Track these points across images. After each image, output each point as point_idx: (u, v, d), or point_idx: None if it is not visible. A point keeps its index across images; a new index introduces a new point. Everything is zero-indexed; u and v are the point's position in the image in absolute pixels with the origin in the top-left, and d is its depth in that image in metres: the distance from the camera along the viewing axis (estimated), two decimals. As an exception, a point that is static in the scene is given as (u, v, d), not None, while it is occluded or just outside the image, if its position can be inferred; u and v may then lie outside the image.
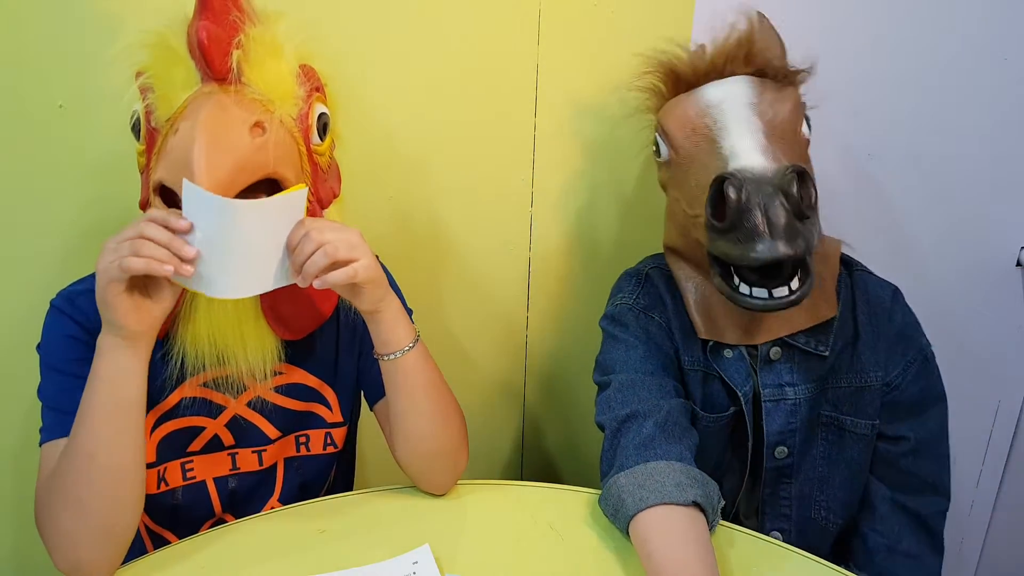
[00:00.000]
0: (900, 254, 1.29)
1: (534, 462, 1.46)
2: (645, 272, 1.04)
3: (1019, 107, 1.23)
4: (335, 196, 0.88)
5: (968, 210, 1.29)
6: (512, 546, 0.86)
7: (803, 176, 0.79)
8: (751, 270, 0.83)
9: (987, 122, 1.24)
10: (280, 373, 0.89)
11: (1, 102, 0.99)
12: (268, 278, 0.76)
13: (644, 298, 1.01)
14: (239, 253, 0.73)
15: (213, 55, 0.72)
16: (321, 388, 0.93)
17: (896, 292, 0.99)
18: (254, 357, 0.83)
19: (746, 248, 0.79)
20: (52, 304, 0.85)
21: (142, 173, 0.81)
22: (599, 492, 0.95)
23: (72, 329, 0.83)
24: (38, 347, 0.85)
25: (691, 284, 0.98)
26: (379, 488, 0.95)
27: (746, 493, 1.02)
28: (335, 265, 0.76)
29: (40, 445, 0.82)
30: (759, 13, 0.97)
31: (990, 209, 1.29)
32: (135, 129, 0.79)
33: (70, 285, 0.87)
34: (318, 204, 0.84)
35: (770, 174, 0.79)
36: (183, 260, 0.70)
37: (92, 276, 0.86)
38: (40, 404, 0.84)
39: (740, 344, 0.96)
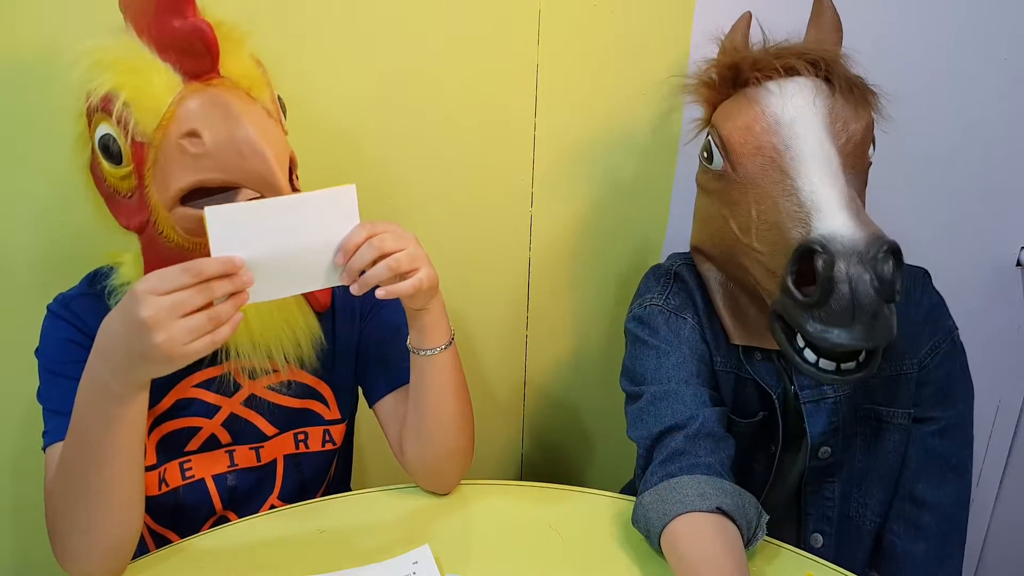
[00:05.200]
0: (900, 254, 1.29)
1: (534, 462, 1.46)
2: (674, 270, 0.99)
3: (1019, 107, 1.23)
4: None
5: (968, 210, 1.29)
6: (512, 546, 0.86)
7: (898, 255, 0.74)
8: None
9: (987, 122, 1.24)
10: (275, 371, 0.89)
11: (1, 102, 0.99)
12: (316, 277, 0.75)
13: (674, 298, 0.97)
14: (284, 254, 0.72)
15: (218, 49, 0.71)
16: (317, 385, 0.93)
17: (925, 276, 0.96)
18: (303, 340, 0.85)
19: (826, 331, 0.74)
20: (49, 309, 0.86)
21: (127, 196, 0.78)
22: (599, 492, 0.95)
23: (70, 333, 0.83)
24: (36, 352, 0.85)
25: (719, 286, 0.94)
26: (379, 488, 0.95)
27: (773, 494, 1.00)
28: (397, 276, 0.76)
29: (44, 449, 0.82)
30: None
31: (990, 209, 1.29)
32: (110, 155, 0.76)
33: (66, 291, 0.88)
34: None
35: (862, 245, 0.73)
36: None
37: (86, 280, 0.88)
38: (39, 408, 0.84)
39: (770, 349, 0.93)
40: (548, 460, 1.46)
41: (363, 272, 0.75)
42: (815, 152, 0.80)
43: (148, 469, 0.87)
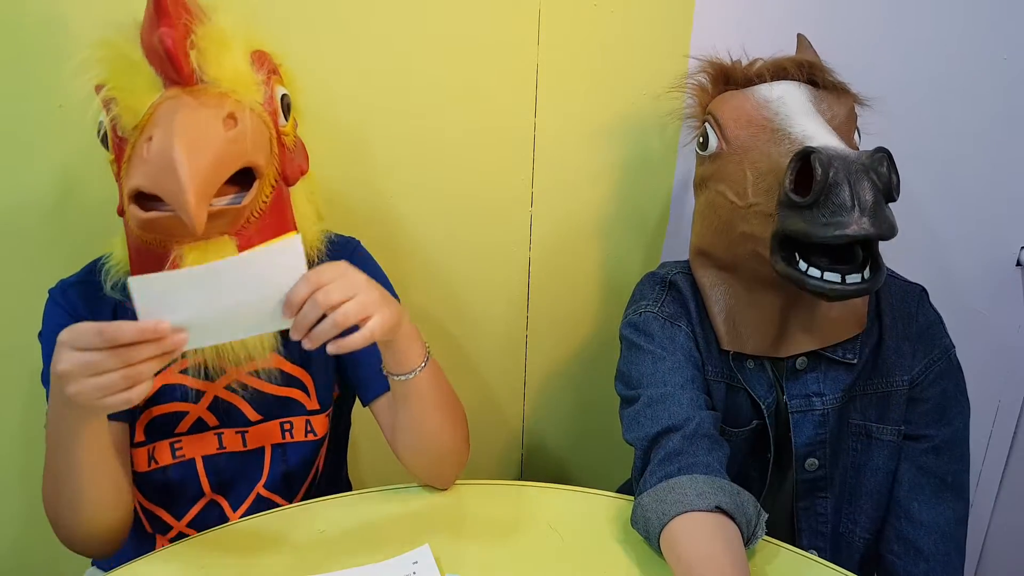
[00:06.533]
0: (900, 254, 1.29)
1: (534, 462, 1.46)
2: (669, 279, 1.00)
3: (1019, 107, 1.23)
4: (303, 173, 0.88)
5: (968, 210, 1.29)
6: (512, 546, 0.86)
7: (891, 158, 0.76)
8: (823, 253, 0.80)
9: (987, 122, 1.24)
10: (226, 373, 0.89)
11: (1, 102, 0.99)
12: (260, 325, 0.72)
13: (669, 306, 0.98)
14: (223, 311, 0.69)
15: (180, 60, 0.72)
16: (298, 374, 0.94)
17: (922, 292, 0.97)
18: (253, 346, 0.83)
19: (830, 225, 0.74)
20: (50, 293, 0.88)
21: (117, 181, 0.81)
22: (599, 492, 0.95)
23: (65, 320, 0.84)
24: (39, 335, 0.87)
25: (717, 292, 0.95)
26: (379, 488, 0.95)
27: (768, 507, 1.00)
28: (347, 329, 0.74)
29: (45, 427, 0.83)
30: (800, 35, 1.00)
31: (990, 209, 1.29)
32: (103, 141, 0.79)
33: (67, 276, 0.90)
34: (284, 182, 0.84)
35: (854, 155, 0.75)
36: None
37: (87, 268, 0.90)
38: (41, 390, 0.85)
39: (764, 356, 0.94)
40: (548, 460, 1.46)
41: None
42: (803, 110, 0.85)
43: (136, 446, 0.89)
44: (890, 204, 0.78)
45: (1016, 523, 1.49)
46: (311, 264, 0.88)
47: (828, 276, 0.79)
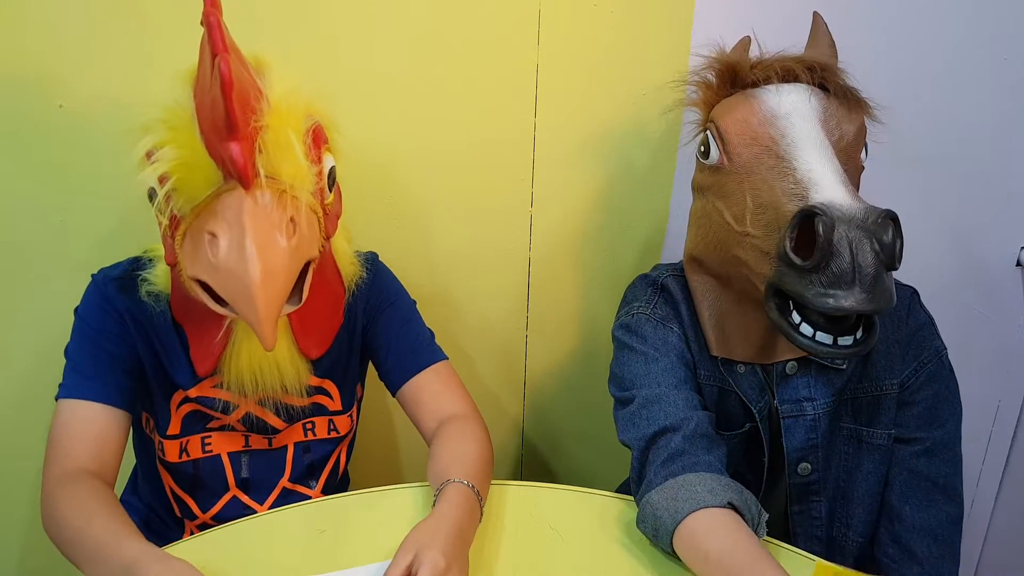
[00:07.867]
0: (900, 254, 1.29)
1: (534, 462, 1.46)
2: (661, 281, 1.00)
3: (1019, 107, 1.23)
4: (339, 216, 0.89)
5: (968, 210, 1.29)
6: (512, 546, 0.86)
7: (896, 222, 0.74)
8: (819, 313, 0.77)
9: (987, 122, 1.24)
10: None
11: (1, 102, 0.99)
12: None
13: (661, 308, 0.98)
14: None
15: (249, 174, 0.71)
16: (323, 384, 0.97)
17: (913, 294, 0.96)
18: (291, 382, 0.88)
19: (827, 294, 0.72)
20: (93, 278, 0.92)
21: (162, 233, 0.80)
22: (599, 492, 0.95)
23: (103, 304, 0.90)
24: (76, 310, 0.90)
25: (707, 299, 0.94)
26: (379, 488, 0.95)
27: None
28: None
29: (56, 398, 0.87)
30: (817, 13, 0.96)
31: (990, 209, 1.29)
32: (151, 197, 0.78)
33: (109, 267, 0.92)
34: (326, 239, 0.85)
35: (860, 213, 0.73)
36: None
37: (130, 262, 0.92)
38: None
39: (752, 362, 0.94)
40: (548, 460, 1.46)
41: None
42: (810, 137, 0.81)
43: (172, 438, 0.93)
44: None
45: (1016, 523, 1.49)
46: (351, 291, 0.94)
47: (820, 337, 0.78)
